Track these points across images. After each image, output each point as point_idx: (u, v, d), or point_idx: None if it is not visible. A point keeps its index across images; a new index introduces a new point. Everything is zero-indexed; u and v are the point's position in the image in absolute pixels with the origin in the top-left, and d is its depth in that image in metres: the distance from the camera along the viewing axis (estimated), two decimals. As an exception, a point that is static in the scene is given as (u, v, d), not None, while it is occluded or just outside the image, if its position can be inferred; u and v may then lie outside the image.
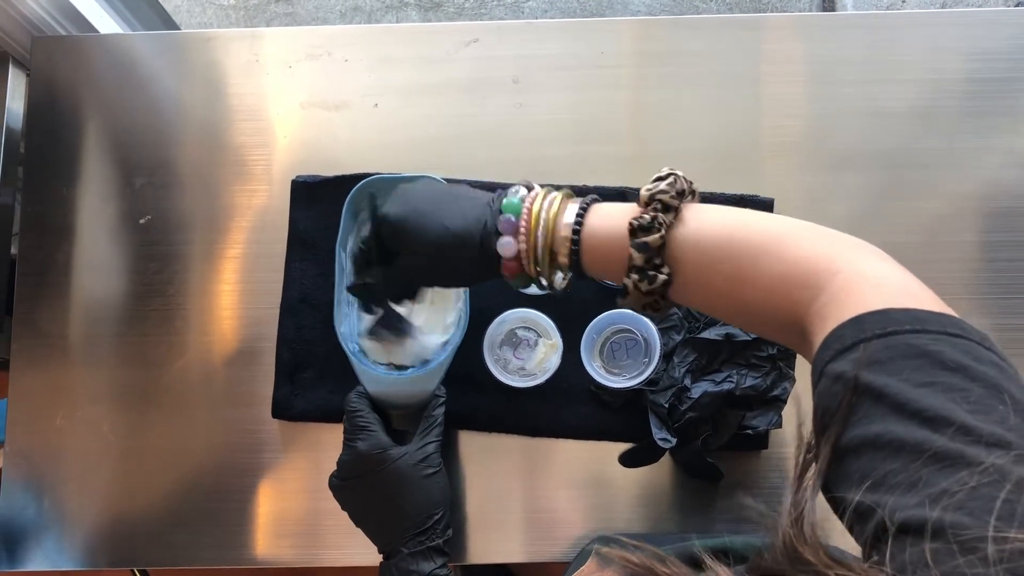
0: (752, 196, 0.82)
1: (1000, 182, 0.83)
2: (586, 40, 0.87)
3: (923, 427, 0.33)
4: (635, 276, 0.49)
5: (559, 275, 0.55)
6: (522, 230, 0.53)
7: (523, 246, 0.53)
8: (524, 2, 1.71)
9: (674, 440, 0.72)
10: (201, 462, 0.81)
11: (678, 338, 0.75)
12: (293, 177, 0.84)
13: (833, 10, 1.64)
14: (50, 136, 0.87)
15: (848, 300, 0.40)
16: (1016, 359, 0.36)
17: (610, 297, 0.78)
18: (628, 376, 0.76)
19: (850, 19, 0.91)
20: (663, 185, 0.49)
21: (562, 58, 0.86)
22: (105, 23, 0.97)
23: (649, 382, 0.75)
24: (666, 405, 0.73)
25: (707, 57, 0.86)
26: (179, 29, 1.16)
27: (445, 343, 0.76)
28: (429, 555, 0.68)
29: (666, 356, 0.75)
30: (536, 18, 1.68)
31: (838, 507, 0.35)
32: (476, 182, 0.81)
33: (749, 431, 0.74)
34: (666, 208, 0.48)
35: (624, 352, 0.78)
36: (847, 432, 0.36)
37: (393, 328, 0.73)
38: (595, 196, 0.54)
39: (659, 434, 0.73)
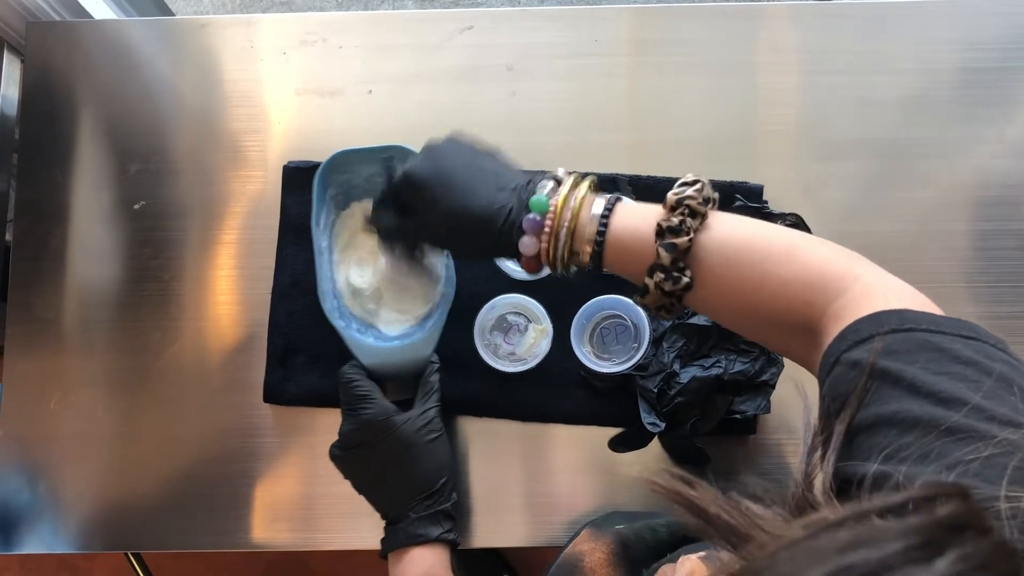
0: (742, 183, 0.82)
1: (991, 171, 0.83)
2: (580, 28, 0.87)
3: (938, 406, 0.34)
4: (660, 275, 0.50)
5: (573, 268, 0.56)
6: (546, 230, 0.54)
7: (545, 245, 0.54)
8: (521, -8, 1.70)
9: (663, 425, 0.73)
10: (195, 447, 0.82)
11: (667, 324, 0.76)
12: (284, 164, 0.84)
13: None
14: (45, 122, 0.87)
15: (866, 302, 0.42)
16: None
17: (600, 283, 0.79)
18: (617, 361, 0.77)
19: (845, 8, 0.91)
20: (691, 191, 0.50)
21: (556, 46, 0.87)
22: (100, 9, 0.97)
23: (638, 367, 0.75)
24: (655, 390, 0.74)
25: (702, 45, 0.86)
26: (174, 16, 1.16)
27: (431, 312, 0.76)
28: (437, 519, 0.69)
29: (655, 341, 0.76)
30: (534, 6, 1.68)
31: (848, 484, 0.35)
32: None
33: (737, 416, 0.74)
34: (693, 213, 0.50)
35: (614, 337, 0.79)
36: (864, 412, 0.37)
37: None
38: (618, 195, 0.55)
39: (648, 419, 0.73)
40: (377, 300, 0.78)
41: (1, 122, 0.90)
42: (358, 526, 0.76)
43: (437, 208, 0.56)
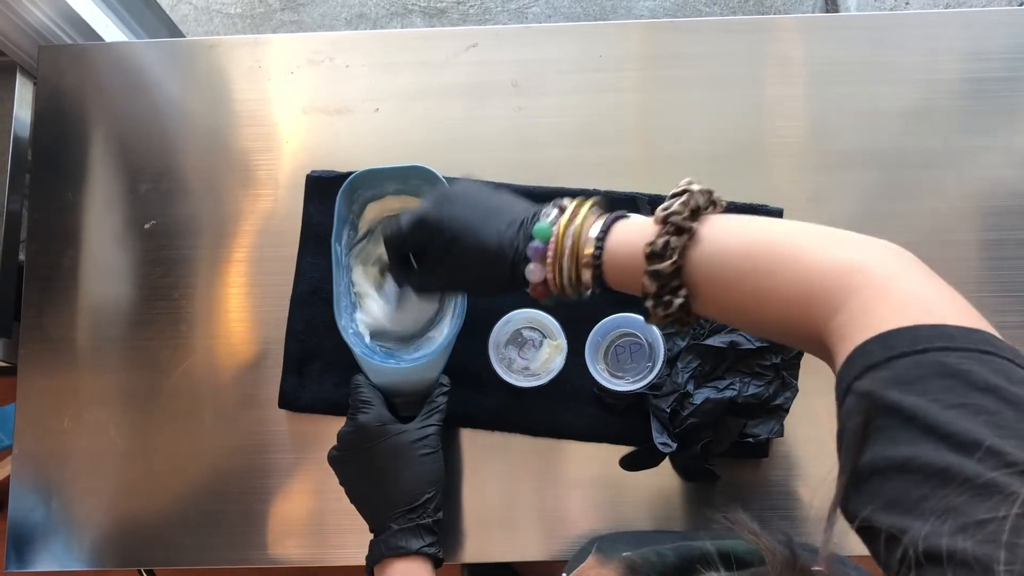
0: (762, 205, 0.82)
1: (999, 181, 0.83)
2: (584, 44, 0.87)
3: (954, 452, 0.32)
4: (651, 303, 0.50)
5: (586, 291, 0.56)
6: (549, 257, 0.54)
7: (550, 274, 0.54)
8: (528, 8, 1.71)
9: (675, 445, 0.73)
10: (206, 463, 0.82)
11: (682, 344, 0.76)
12: (308, 173, 0.85)
13: (836, 11, 1.64)
14: (57, 143, 0.88)
15: (869, 318, 0.39)
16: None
17: (615, 300, 0.79)
18: (631, 380, 0.77)
19: (851, 20, 0.91)
20: (676, 205, 0.49)
21: (561, 62, 0.87)
22: (110, 32, 0.98)
23: (652, 387, 0.75)
24: (668, 410, 0.74)
25: (707, 59, 0.87)
26: (184, 37, 1.17)
27: (443, 334, 0.78)
28: (418, 532, 0.68)
29: (670, 361, 0.76)
30: (539, 23, 1.68)
31: (862, 530, 0.34)
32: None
33: (750, 439, 0.74)
34: (679, 231, 0.48)
35: (628, 356, 0.79)
36: (876, 452, 0.35)
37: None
38: (619, 214, 0.54)
39: (660, 439, 0.73)
40: (391, 323, 0.78)
41: (14, 144, 0.91)
42: (368, 542, 0.76)
43: (450, 250, 0.58)
